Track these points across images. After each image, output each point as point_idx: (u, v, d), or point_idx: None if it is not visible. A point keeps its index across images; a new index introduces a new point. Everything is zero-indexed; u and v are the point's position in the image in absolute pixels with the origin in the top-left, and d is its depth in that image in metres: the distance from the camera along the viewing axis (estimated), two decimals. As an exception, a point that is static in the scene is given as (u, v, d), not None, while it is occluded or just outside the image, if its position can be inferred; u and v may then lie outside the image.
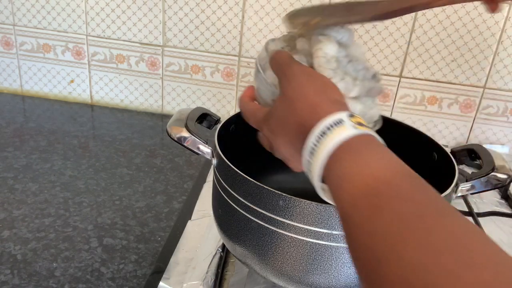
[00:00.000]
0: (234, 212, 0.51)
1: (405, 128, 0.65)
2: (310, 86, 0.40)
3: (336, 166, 0.34)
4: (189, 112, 0.60)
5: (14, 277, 0.59)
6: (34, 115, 1.05)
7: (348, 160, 0.33)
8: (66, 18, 1.05)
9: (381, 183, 0.31)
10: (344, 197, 0.32)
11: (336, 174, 0.33)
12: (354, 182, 0.32)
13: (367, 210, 0.30)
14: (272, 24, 1.00)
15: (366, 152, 0.33)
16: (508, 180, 0.54)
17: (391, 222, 0.28)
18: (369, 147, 0.34)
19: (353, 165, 0.33)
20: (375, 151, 0.34)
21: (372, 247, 0.28)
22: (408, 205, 0.29)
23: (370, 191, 0.30)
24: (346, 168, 0.33)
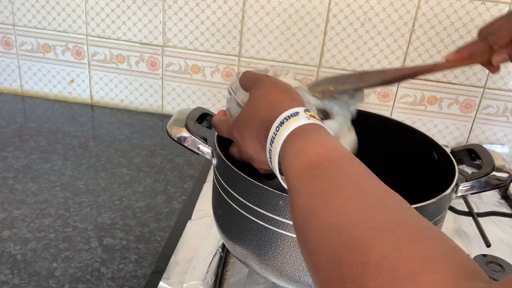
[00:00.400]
0: (234, 212, 0.51)
1: (405, 128, 0.65)
2: (274, 88, 0.45)
3: (288, 147, 0.39)
4: (189, 112, 0.60)
5: (14, 277, 0.59)
6: (34, 115, 1.05)
7: (298, 142, 0.38)
8: (66, 18, 1.05)
9: (323, 158, 0.36)
10: (291, 171, 0.37)
11: (288, 154, 0.38)
12: (301, 158, 0.37)
13: (308, 178, 0.34)
14: (272, 24, 1.00)
15: (314, 136, 0.39)
16: (508, 180, 0.54)
17: (326, 186, 0.33)
18: (317, 133, 0.39)
19: (301, 145, 0.38)
20: (322, 136, 0.39)
21: (308, 205, 0.32)
22: (343, 174, 0.34)
23: (313, 164, 0.35)
24: (295, 148, 0.38)
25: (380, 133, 0.66)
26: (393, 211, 0.29)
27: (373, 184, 0.33)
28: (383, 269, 0.25)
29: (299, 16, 0.98)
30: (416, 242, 0.26)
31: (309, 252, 0.31)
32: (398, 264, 0.24)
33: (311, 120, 0.40)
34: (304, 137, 0.38)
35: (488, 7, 0.94)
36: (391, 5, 0.96)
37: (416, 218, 0.29)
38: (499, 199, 0.87)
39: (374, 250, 0.26)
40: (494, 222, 0.79)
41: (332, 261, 0.28)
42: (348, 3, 0.96)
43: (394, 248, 0.26)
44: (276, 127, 0.41)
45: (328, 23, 0.98)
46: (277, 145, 0.40)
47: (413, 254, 0.25)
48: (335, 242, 0.28)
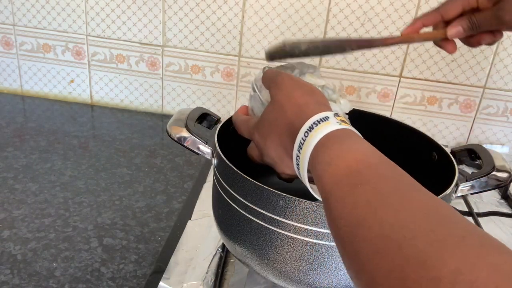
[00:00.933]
0: (234, 212, 0.51)
1: (405, 128, 0.65)
2: (297, 90, 0.44)
3: (321, 154, 0.37)
4: (189, 112, 0.60)
5: (14, 277, 0.59)
6: (34, 115, 1.05)
7: (332, 148, 0.37)
8: (66, 18, 1.05)
9: (362, 165, 0.34)
10: (327, 178, 0.35)
11: (321, 161, 0.37)
12: (338, 165, 0.35)
13: (348, 186, 0.33)
14: (272, 24, 1.00)
15: (348, 141, 0.37)
16: (508, 180, 0.54)
17: (371, 194, 0.31)
18: (351, 138, 0.38)
19: (336, 152, 0.36)
20: (357, 142, 0.37)
21: (354, 215, 0.31)
22: (386, 182, 0.32)
23: (352, 171, 0.34)
24: (330, 155, 0.36)
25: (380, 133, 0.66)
26: (452, 222, 0.28)
27: (421, 193, 0.31)
28: (459, 284, 0.23)
29: (299, 16, 0.98)
30: (487, 255, 0.25)
31: (362, 266, 0.29)
32: (476, 278, 0.23)
33: (342, 125, 0.38)
34: (338, 143, 0.37)
35: (488, 7, 0.94)
36: (391, 5, 0.96)
37: (476, 229, 0.27)
38: (499, 199, 0.87)
39: (445, 264, 0.24)
40: (494, 222, 0.79)
41: (394, 277, 0.26)
42: (348, 3, 0.96)
43: (467, 261, 0.24)
44: (305, 132, 0.39)
45: (328, 23, 0.98)
46: (306, 152, 0.38)
47: (488, 269, 0.24)
48: (395, 256, 0.27)
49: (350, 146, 0.36)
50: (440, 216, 0.28)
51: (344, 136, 0.38)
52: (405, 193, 0.31)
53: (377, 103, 1.05)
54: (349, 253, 0.31)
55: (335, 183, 0.34)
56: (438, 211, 0.29)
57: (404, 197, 0.30)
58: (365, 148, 0.36)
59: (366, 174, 0.33)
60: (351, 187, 0.33)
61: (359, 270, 0.29)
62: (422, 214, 0.28)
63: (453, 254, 0.25)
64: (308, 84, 0.46)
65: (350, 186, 0.33)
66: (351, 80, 1.03)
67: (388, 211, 0.29)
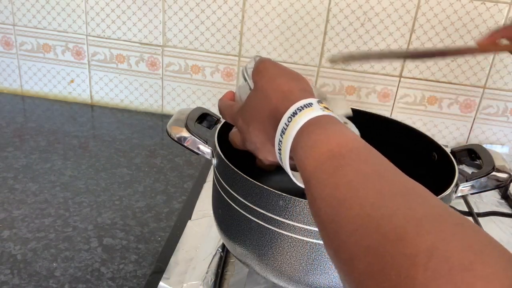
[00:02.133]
0: (234, 212, 0.51)
1: (405, 128, 0.65)
2: (282, 77, 0.44)
3: (303, 138, 0.38)
4: (189, 112, 0.60)
5: (14, 277, 0.59)
6: (34, 115, 1.05)
7: (315, 132, 0.37)
8: (66, 18, 1.05)
9: (344, 149, 0.35)
10: (310, 161, 0.36)
11: (304, 145, 0.37)
12: (320, 148, 0.36)
13: (331, 168, 0.34)
14: (272, 24, 1.00)
15: (332, 127, 0.38)
16: (508, 180, 0.54)
17: (353, 176, 0.32)
18: (334, 124, 0.38)
19: (319, 136, 0.37)
20: (339, 128, 0.38)
21: (335, 195, 0.31)
22: (367, 165, 0.33)
23: (334, 154, 0.35)
24: (312, 139, 0.37)
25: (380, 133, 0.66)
26: (430, 203, 0.29)
27: (400, 176, 0.32)
28: (434, 259, 0.24)
29: (299, 16, 0.98)
30: (462, 233, 0.25)
31: (341, 244, 0.30)
32: (451, 254, 0.24)
33: (326, 111, 0.39)
34: (321, 127, 0.37)
35: (488, 7, 0.94)
36: (391, 5, 0.96)
37: (453, 211, 0.28)
38: (499, 199, 0.87)
39: (421, 241, 0.25)
40: (494, 222, 0.79)
41: (372, 253, 0.27)
42: (348, 3, 0.96)
43: (443, 239, 0.25)
44: (288, 117, 0.39)
45: (328, 23, 0.98)
46: (289, 136, 0.39)
47: (463, 245, 0.24)
48: (374, 233, 0.27)
49: (333, 131, 0.37)
50: (419, 197, 0.29)
51: (327, 122, 0.38)
52: (386, 175, 0.32)
53: (377, 103, 1.05)
54: (329, 233, 0.31)
55: (317, 166, 0.35)
56: (417, 193, 0.30)
57: (384, 179, 0.31)
58: (348, 133, 0.37)
59: (348, 157, 0.34)
60: (333, 169, 0.33)
61: (338, 248, 0.30)
62: (402, 194, 0.29)
63: (430, 230, 0.25)
64: (292, 71, 0.46)
65: (332, 168, 0.34)
66: (351, 80, 1.03)
67: (368, 191, 0.30)
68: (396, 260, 0.25)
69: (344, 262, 0.29)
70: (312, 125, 0.38)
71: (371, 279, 0.26)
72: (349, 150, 0.35)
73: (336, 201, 0.31)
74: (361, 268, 0.27)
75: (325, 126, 0.37)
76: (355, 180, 0.32)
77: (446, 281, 0.23)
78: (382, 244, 0.27)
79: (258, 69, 0.46)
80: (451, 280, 0.23)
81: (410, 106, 1.04)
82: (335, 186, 0.32)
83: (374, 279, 0.26)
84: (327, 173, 0.33)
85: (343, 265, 0.29)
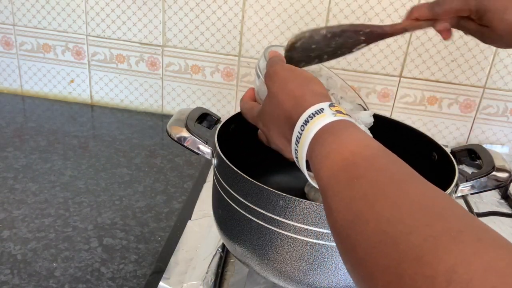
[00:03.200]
0: (234, 212, 0.51)
1: (405, 128, 0.65)
2: (293, 80, 0.44)
3: (318, 147, 0.37)
4: (189, 112, 0.60)
5: (14, 277, 0.59)
6: (34, 115, 1.05)
7: (328, 141, 0.36)
8: (66, 18, 1.05)
9: (358, 157, 0.34)
10: (324, 172, 0.35)
11: (319, 154, 0.36)
12: (334, 158, 0.35)
13: (345, 180, 0.33)
14: (272, 24, 1.00)
15: (344, 133, 0.37)
16: (508, 180, 0.54)
17: (368, 188, 0.31)
18: (347, 130, 0.37)
19: (332, 145, 0.36)
20: (353, 133, 0.37)
21: (351, 209, 0.31)
22: (383, 173, 0.32)
23: (348, 163, 0.34)
24: (326, 148, 0.36)
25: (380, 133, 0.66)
26: (449, 215, 0.27)
27: (418, 184, 0.31)
28: (454, 283, 0.23)
29: (299, 16, 0.98)
30: (484, 252, 0.24)
31: (359, 260, 0.29)
32: (471, 278, 0.23)
33: (338, 116, 0.38)
34: (334, 135, 0.37)
35: (488, 7, 0.93)
36: (391, 5, 0.96)
37: (474, 221, 0.27)
38: (499, 199, 0.87)
39: (440, 262, 0.24)
40: (494, 222, 0.79)
41: (391, 273, 0.26)
42: (348, 3, 0.96)
43: (462, 259, 0.24)
44: (301, 126, 0.39)
45: (328, 23, 0.98)
46: (303, 145, 0.38)
47: (484, 266, 0.23)
48: (392, 251, 0.26)
49: (346, 138, 0.36)
50: (437, 208, 0.28)
51: (339, 128, 0.37)
52: (402, 185, 0.31)
53: (377, 103, 1.05)
54: (347, 247, 0.31)
55: (332, 177, 0.34)
56: (435, 203, 0.29)
57: (401, 189, 0.30)
58: (361, 139, 0.36)
59: (362, 167, 0.33)
60: (348, 181, 0.32)
61: (356, 264, 0.29)
62: (419, 207, 0.28)
63: (449, 250, 0.24)
64: (303, 72, 0.45)
65: (347, 179, 0.33)
66: (351, 80, 1.02)
67: (384, 205, 0.29)
68: (415, 281, 0.24)
69: (362, 279, 0.29)
70: (325, 133, 0.37)
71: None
72: (363, 159, 0.34)
73: (352, 215, 0.30)
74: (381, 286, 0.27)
75: (338, 133, 0.37)
76: (371, 192, 0.30)
77: None
78: (400, 264, 0.26)
79: (269, 74, 0.46)
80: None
81: (410, 106, 1.04)
82: (350, 199, 0.31)
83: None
84: (342, 185, 0.33)
85: (362, 281, 0.29)
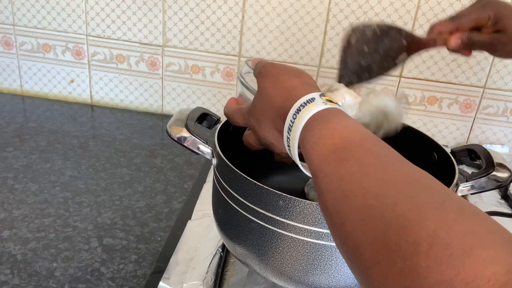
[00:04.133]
0: (234, 212, 0.51)
1: (405, 128, 0.65)
2: (284, 74, 0.46)
3: (308, 134, 0.39)
4: (189, 112, 0.60)
5: (14, 277, 0.59)
6: (34, 115, 1.05)
7: (319, 127, 0.38)
8: (66, 18, 1.05)
9: (347, 141, 0.36)
10: (315, 156, 0.37)
11: (310, 141, 0.38)
12: (325, 143, 0.37)
13: (335, 162, 0.35)
14: (272, 24, 1.00)
15: (334, 120, 0.38)
16: (508, 180, 0.54)
17: (356, 167, 0.33)
18: (337, 117, 0.39)
19: (323, 131, 0.38)
20: (342, 120, 0.39)
21: (340, 188, 0.33)
22: (370, 155, 0.34)
23: (338, 147, 0.36)
24: (317, 134, 0.38)
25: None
26: (432, 190, 0.30)
27: (403, 164, 0.33)
28: (435, 246, 0.25)
29: (299, 16, 0.98)
30: (464, 219, 0.26)
31: (348, 234, 0.31)
32: (451, 241, 0.24)
33: (328, 104, 0.40)
34: (325, 122, 0.38)
35: (488, 7, 0.94)
36: (391, 5, 0.96)
37: (455, 196, 0.29)
38: (499, 199, 0.87)
39: (422, 228, 0.26)
40: (494, 222, 0.79)
41: (378, 242, 0.28)
42: (348, 3, 0.96)
43: (444, 225, 0.26)
44: (293, 115, 0.40)
45: (328, 23, 0.98)
46: (295, 133, 0.40)
47: (464, 230, 0.25)
48: (379, 222, 0.28)
49: (336, 124, 0.38)
50: (421, 184, 0.30)
51: (330, 115, 0.39)
52: (388, 164, 0.33)
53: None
54: (336, 223, 0.32)
55: (322, 160, 0.36)
56: (420, 180, 0.31)
57: (387, 168, 0.32)
58: (350, 125, 0.38)
59: (351, 150, 0.35)
60: (338, 163, 0.34)
61: (345, 237, 0.31)
62: (404, 182, 0.30)
63: (431, 218, 0.26)
64: (293, 67, 0.47)
65: (336, 161, 0.35)
66: (351, 80, 1.02)
67: (371, 181, 0.31)
68: (400, 247, 0.26)
69: (351, 251, 0.30)
70: (316, 120, 0.39)
71: (377, 266, 0.27)
72: (352, 142, 0.36)
73: (342, 194, 0.32)
74: (368, 255, 0.28)
75: (328, 120, 0.38)
76: (358, 171, 0.32)
77: (447, 267, 0.24)
78: (386, 232, 0.27)
79: (261, 73, 0.47)
80: (452, 265, 0.24)
81: (410, 106, 1.04)
82: (340, 179, 0.33)
83: (380, 266, 0.27)
84: (332, 167, 0.35)
85: (350, 253, 0.31)
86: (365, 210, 0.30)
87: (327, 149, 0.36)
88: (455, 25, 0.63)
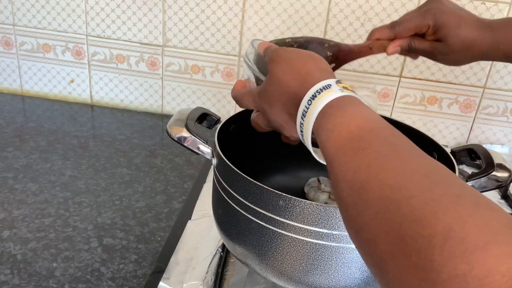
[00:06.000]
0: (234, 212, 0.51)
1: (405, 128, 0.65)
2: (298, 59, 0.44)
3: (324, 121, 0.38)
4: (189, 112, 0.60)
5: (14, 277, 0.59)
6: (34, 115, 1.05)
7: (335, 115, 0.37)
8: (66, 18, 1.05)
9: (364, 131, 0.35)
10: (331, 144, 0.36)
11: (325, 128, 0.38)
12: (340, 131, 0.36)
13: (351, 151, 0.34)
14: (272, 24, 1.00)
15: (351, 108, 0.38)
16: (508, 180, 0.54)
17: (373, 158, 0.33)
18: (353, 105, 0.38)
19: (339, 118, 0.37)
20: (359, 108, 0.38)
21: (357, 178, 0.32)
22: (387, 145, 0.34)
23: (354, 136, 0.35)
24: (333, 122, 0.37)
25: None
26: (448, 182, 0.29)
27: (420, 156, 0.33)
28: (450, 241, 0.25)
29: (299, 16, 0.98)
30: (480, 213, 0.26)
31: (363, 226, 0.31)
32: (466, 235, 0.24)
33: (345, 92, 0.39)
34: (341, 109, 0.38)
35: (488, 7, 0.94)
36: (391, 5, 0.96)
37: (471, 189, 0.29)
38: (499, 199, 0.87)
39: (438, 222, 0.26)
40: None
41: (393, 235, 0.28)
42: (348, 3, 0.96)
43: (459, 219, 0.25)
44: (308, 100, 0.40)
45: (328, 23, 0.98)
46: (310, 119, 0.39)
47: (479, 225, 0.25)
48: (394, 215, 0.28)
49: (352, 112, 0.37)
50: (437, 177, 0.30)
51: (346, 103, 0.38)
52: (405, 156, 0.33)
53: (377, 103, 1.05)
54: (351, 215, 0.32)
55: (338, 149, 0.35)
56: (436, 173, 0.31)
57: (403, 160, 0.32)
58: (367, 114, 0.37)
59: (367, 139, 0.35)
60: (354, 152, 0.34)
61: (360, 229, 0.31)
62: (420, 175, 0.30)
63: (447, 212, 0.26)
64: (307, 51, 0.46)
65: (352, 151, 0.34)
66: (351, 80, 1.03)
67: (388, 173, 0.31)
68: (416, 241, 0.26)
69: (366, 243, 0.30)
70: (332, 108, 0.38)
71: (392, 259, 0.27)
72: (368, 132, 0.35)
73: (358, 184, 0.32)
74: (383, 248, 0.28)
75: (344, 108, 0.38)
76: (375, 162, 0.32)
77: (461, 261, 0.24)
78: (401, 226, 0.27)
79: (272, 58, 0.46)
80: (466, 260, 0.24)
81: (410, 106, 1.04)
82: (356, 169, 0.33)
83: (396, 259, 0.27)
84: (348, 156, 0.34)
85: (365, 245, 0.31)
86: (381, 202, 0.30)
87: (343, 137, 0.36)
88: (394, 33, 0.63)
